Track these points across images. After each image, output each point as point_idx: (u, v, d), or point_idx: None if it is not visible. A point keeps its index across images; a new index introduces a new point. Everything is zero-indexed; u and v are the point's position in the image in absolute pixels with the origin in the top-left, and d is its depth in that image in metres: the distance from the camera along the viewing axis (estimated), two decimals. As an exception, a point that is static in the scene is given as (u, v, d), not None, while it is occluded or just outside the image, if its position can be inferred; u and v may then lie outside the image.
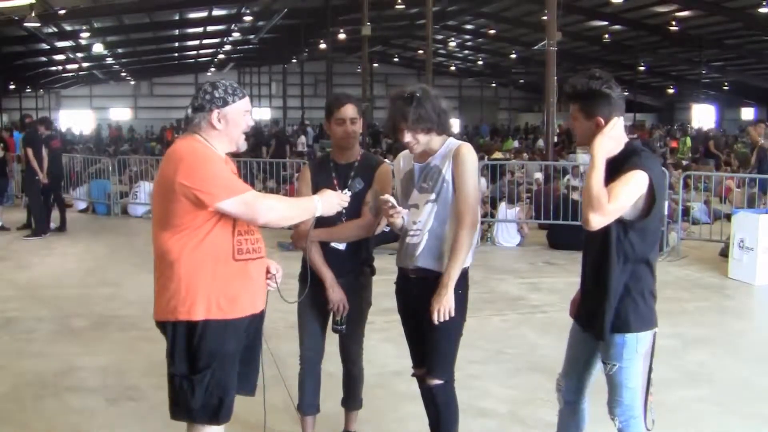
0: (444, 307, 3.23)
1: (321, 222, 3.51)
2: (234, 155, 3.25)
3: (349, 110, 3.67)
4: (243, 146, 3.11)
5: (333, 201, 3.15)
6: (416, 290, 3.46)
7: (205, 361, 2.93)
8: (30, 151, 11.35)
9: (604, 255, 3.00)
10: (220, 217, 2.90)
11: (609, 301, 2.99)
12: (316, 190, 3.37)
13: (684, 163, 18.32)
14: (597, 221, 2.86)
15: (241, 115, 3.01)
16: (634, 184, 2.89)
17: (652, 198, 2.93)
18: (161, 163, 3.04)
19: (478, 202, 3.55)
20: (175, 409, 3.01)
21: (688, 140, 23.12)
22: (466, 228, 3.27)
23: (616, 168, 2.94)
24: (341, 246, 3.72)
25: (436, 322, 3.25)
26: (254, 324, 3.10)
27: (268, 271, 3.16)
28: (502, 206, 10.82)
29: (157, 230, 2.96)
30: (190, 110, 3.01)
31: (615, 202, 2.85)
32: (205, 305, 2.91)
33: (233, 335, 2.98)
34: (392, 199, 3.33)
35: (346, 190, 3.27)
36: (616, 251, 2.97)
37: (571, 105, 3.07)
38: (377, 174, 3.71)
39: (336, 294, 3.68)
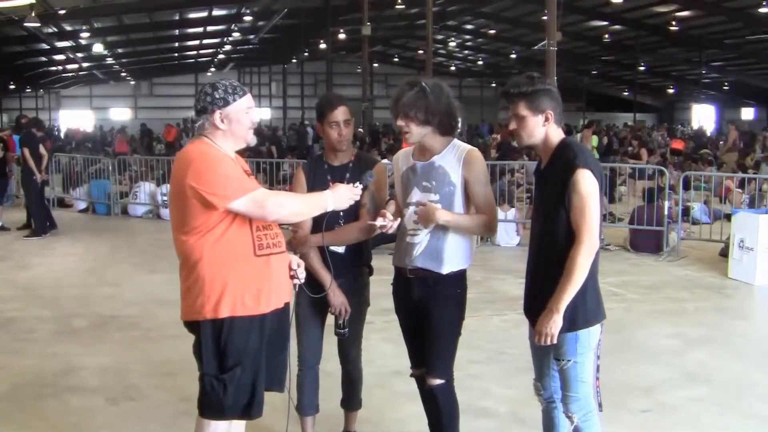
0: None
1: (319, 226, 3.47)
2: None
3: (342, 112, 3.64)
4: (252, 141, 3.14)
5: (345, 195, 3.13)
6: (414, 290, 3.45)
7: (233, 359, 2.96)
8: (26, 152, 11.35)
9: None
10: (235, 215, 2.94)
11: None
12: (311, 191, 3.34)
13: None
14: (594, 248, 3.00)
15: (244, 113, 3.05)
16: (590, 193, 2.98)
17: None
18: (172, 167, 3.09)
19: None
20: (206, 407, 3.02)
21: (595, 139, 22.64)
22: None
23: (554, 163, 3.09)
24: (340, 249, 3.69)
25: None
26: (277, 318, 3.10)
27: (290, 267, 3.18)
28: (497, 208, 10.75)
29: (176, 234, 3.00)
30: (194, 113, 3.08)
31: (591, 230, 2.97)
32: (231, 302, 2.94)
33: (259, 331, 3.01)
34: (379, 221, 3.30)
35: (357, 183, 3.20)
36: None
37: (514, 105, 3.12)
38: None
39: (337, 298, 3.66)
